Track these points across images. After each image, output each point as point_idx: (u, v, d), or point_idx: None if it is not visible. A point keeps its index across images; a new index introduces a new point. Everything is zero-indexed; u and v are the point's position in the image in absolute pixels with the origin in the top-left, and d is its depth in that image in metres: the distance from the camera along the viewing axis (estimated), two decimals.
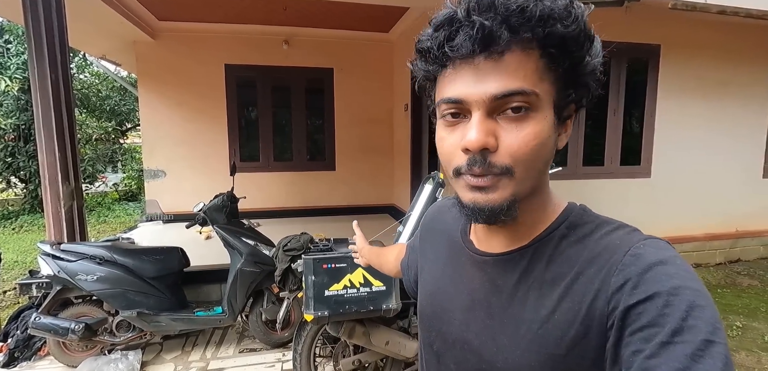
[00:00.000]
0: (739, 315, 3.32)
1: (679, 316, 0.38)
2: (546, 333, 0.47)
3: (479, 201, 0.48)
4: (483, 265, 0.56)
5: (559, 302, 0.47)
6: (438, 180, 2.02)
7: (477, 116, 0.46)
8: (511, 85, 0.44)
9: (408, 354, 2.02)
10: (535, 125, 0.46)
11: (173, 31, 5.21)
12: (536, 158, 0.47)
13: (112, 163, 10.56)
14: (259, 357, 2.74)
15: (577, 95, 0.49)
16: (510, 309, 0.51)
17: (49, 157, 2.97)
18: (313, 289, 1.74)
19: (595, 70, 0.48)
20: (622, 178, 4.33)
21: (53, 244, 2.60)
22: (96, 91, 10.20)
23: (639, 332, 0.40)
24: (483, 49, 0.44)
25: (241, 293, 2.68)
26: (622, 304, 0.42)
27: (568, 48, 0.45)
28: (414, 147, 5.15)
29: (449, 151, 0.50)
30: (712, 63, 4.32)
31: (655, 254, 0.44)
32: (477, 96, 0.45)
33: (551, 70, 0.46)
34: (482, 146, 0.45)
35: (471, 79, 0.46)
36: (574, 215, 0.53)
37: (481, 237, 0.59)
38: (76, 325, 2.43)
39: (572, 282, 0.47)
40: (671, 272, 0.42)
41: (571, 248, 0.50)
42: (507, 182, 0.47)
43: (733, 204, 4.66)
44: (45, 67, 2.89)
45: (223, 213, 2.81)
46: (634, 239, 0.47)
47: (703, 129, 4.43)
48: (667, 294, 0.40)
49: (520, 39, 0.44)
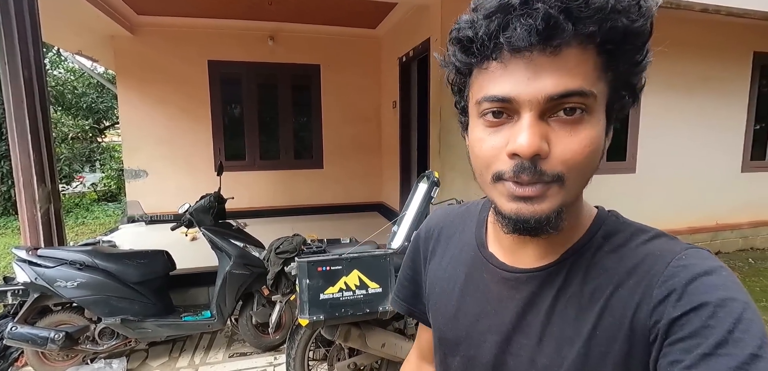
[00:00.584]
0: None
1: (725, 328, 0.36)
2: (589, 350, 0.45)
3: (524, 213, 0.44)
4: (514, 282, 0.52)
5: (599, 317, 0.45)
6: (433, 179, 1.99)
7: (528, 117, 0.41)
8: (570, 84, 0.40)
9: (404, 355, 1.98)
10: (591, 130, 0.42)
11: (153, 26, 5.04)
12: (589, 166, 0.43)
13: (90, 162, 10.21)
14: (249, 362, 2.67)
15: (630, 98, 0.45)
16: (548, 327, 0.48)
17: (24, 158, 2.83)
18: (307, 293, 1.69)
19: (644, 70, 0.44)
20: (608, 173, 4.40)
21: (29, 249, 2.47)
22: (71, 88, 9.83)
23: (680, 342, 0.38)
24: (542, 41, 0.39)
25: (231, 296, 2.61)
26: (666, 317, 0.40)
27: (628, 46, 0.41)
28: (403, 145, 5.12)
29: (490, 154, 0.45)
30: (692, 60, 4.42)
31: (700, 264, 0.41)
32: (530, 95, 0.41)
33: (608, 68, 0.42)
34: (535, 152, 0.41)
35: (523, 75, 0.41)
36: (609, 222, 0.50)
37: (508, 250, 0.54)
38: (55, 334, 2.32)
39: (612, 295, 0.45)
40: (718, 283, 0.40)
41: (608, 259, 0.47)
42: (556, 191, 0.43)
43: (713, 198, 4.79)
44: (17, 64, 2.75)
45: (210, 214, 2.72)
46: (676, 248, 0.44)
47: (684, 124, 4.54)
48: (714, 306, 0.38)
49: (581, 32, 0.39)
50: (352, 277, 1.75)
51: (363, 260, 1.78)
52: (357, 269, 1.76)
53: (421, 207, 1.97)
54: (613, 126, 0.48)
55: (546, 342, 0.48)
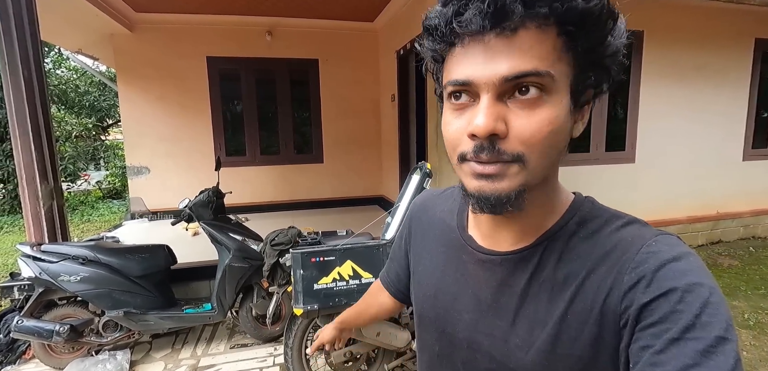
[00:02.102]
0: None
1: (693, 312, 0.38)
2: (560, 333, 0.46)
3: (485, 190, 0.45)
4: (490, 264, 0.54)
5: (571, 301, 0.46)
6: (425, 170, 2.01)
7: (486, 99, 0.43)
8: (524, 65, 0.41)
9: (399, 344, 2.03)
10: (550, 110, 0.42)
11: (152, 23, 5.07)
12: (550, 146, 0.44)
13: (95, 160, 10.30)
14: (250, 353, 2.72)
15: (597, 79, 0.45)
16: (522, 309, 0.50)
17: (26, 156, 2.88)
18: (301, 283, 1.73)
19: (618, 53, 0.45)
20: (607, 164, 4.40)
21: (33, 245, 2.53)
22: (74, 87, 9.89)
23: (650, 328, 0.39)
24: (494, 25, 0.40)
25: (230, 289, 2.66)
26: (637, 303, 0.41)
27: (588, 26, 0.41)
28: (401, 138, 5.14)
29: (455, 136, 0.46)
30: (692, 48, 4.39)
31: (668, 250, 0.43)
32: (486, 77, 0.42)
33: (569, 50, 0.42)
34: (490, 131, 0.42)
35: (480, 58, 0.42)
36: (584, 209, 0.51)
37: (486, 233, 0.55)
38: (60, 327, 2.38)
39: (584, 281, 0.46)
40: (686, 268, 0.41)
41: (582, 245, 0.48)
42: (517, 171, 0.44)
43: (713, 187, 4.78)
44: (16, 63, 2.78)
45: (209, 209, 2.76)
46: (646, 235, 0.46)
47: (685, 113, 4.52)
48: (681, 291, 0.39)
49: (536, 14, 0.40)
50: (345, 267, 1.79)
51: (356, 250, 1.81)
52: (350, 260, 1.80)
53: (413, 198, 2.00)
54: (586, 106, 0.48)
55: (519, 323, 0.49)
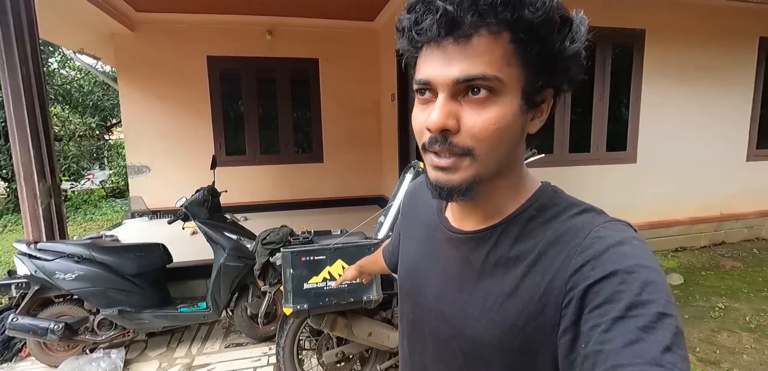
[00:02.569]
0: (722, 296, 3.37)
1: (633, 292, 0.40)
2: (509, 306, 0.50)
3: (440, 180, 0.50)
4: (456, 242, 0.59)
5: (522, 278, 0.49)
6: (417, 169, 2.00)
7: (441, 97, 0.47)
8: (473, 70, 0.45)
9: (391, 344, 2.01)
10: (498, 110, 0.46)
11: (152, 23, 5.09)
12: (498, 141, 0.47)
13: (99, 160, 10.37)
14: (245, 352, 2.72)
15: (553, 80, 0.49)
16: (479, 283, 0.54)
17: (24, 154, 2.89)
18: (291, 282, 1.72)
19: (576, 55, 0.48)
20: (608, 164, 4.35)
21: (30, 243, 2.54)
22: (78, 87, 9.96)
23: (597, 309, 0.42)
24: (448, 32, 0.45)
25: (225, 288, 2.65)
26: (582, 284, 0.44)
27: (538, 33, 0.44)
28: (401, 137, 5.12)
29: (418, 128, 0.52)
30: (693, 47, 4.33)
31: (613, 236, 0.46)
32: (441, 79, 0.46)
33: (520, 54, 0.45)
34: (441, 127, 0.47)
35: (439, 61, 0.46)
36: (545, 196, 0.55)
37: (457, 215, 0.61)
38: (55, 325, 2.38)
39: (535, 261, 0.49)
40: (628, 252, 0.43)
41: (538, 229, 0.52)
42: (468, 164, 0.48)
43: (717, 188, 4.71)
44: (15, 62, 2.80)
45: (205, 208, 2.76)
46: (596, 221, 0.49)
47: (687, 113, 4.46)
48: (623, 272, 0.42)
49: (487, 23, 0.44)
50: (335, 267, 1.77)
51: (347, 250, 1.79)
52: (341, 259, 1.78)
53: None
54: (544, 104, 0.51)
55: (475, 295, 0.54)
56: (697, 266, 4.09)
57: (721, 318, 3.03)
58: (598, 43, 4.06)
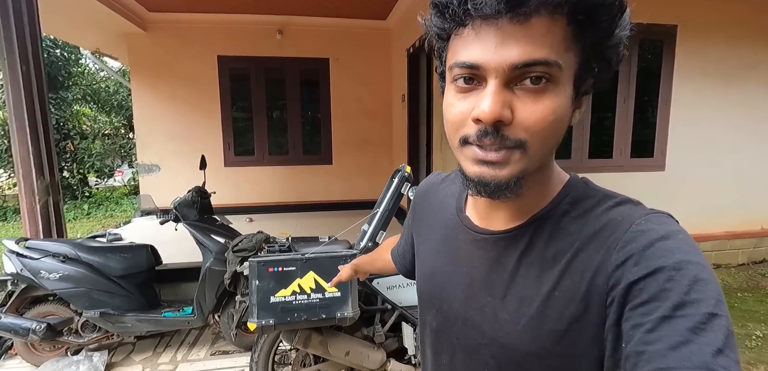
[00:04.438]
0: (761, 323, 3.00)
1: (681, 290, 0.38)
2: (546, 309, 0.47)
3: (485, 176, 0.46)
4: (483, 243, 0.55)
5: (560, 278, 0.46)
6: (403, 174, 1.82)
7: (493, 84, 0.42)
8: (536, 53, 0.41)
9: (371, 365, 1.83)
10: (555, 99, 0.43)
11: (164, 23, 5.12)
12: (552, 135, 0.44)
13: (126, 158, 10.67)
14: (229, 360, 2.60)
15: (600, 70, 0.45)
16: (512, 286, 0.50)
17: (23, 150, 2.90)
18: (257, 295, 1.57)
19: (621, 44, 0.44)
20: (632, 171, 4.01)
21: (19, 241, 2.52)
22: (105, 87, 10.32)
23: (640, 307, 0.39)
24: (510, 9, 0.40)
25: (210, 293, 2.54)
26: (624, 281, 0.41)
27: (598, 16, 0.41)
28: (411, 139, 4.93)
29: (458, 119, 0.46)
30: (734, 44, 3.93)
31: (657, 229, 0.43)
32: (496, 63, 0.42)
33: (578, 40, 0.42)
34: (497, 118, 0.42)
35: (492, 42, 0.42)
36: (577, 189, 0.52)
37: (482, 214, 0.57)
38: (37, 325, 2.33)
39: (573, 258, 0.46)
40: (674, 247, 0.41)
41: (573, 224, 0.48)
42: (519, 157, 0.44)
43: (758, 200, 4.26)
44: (15, 59, 2.81)
45: (194, 209, 2.67)
46: (636, 214, 0.45)
47: (723, 117, 4.05)
48: (670, 269, 0.39)
49: (550, 2, 0.40)
50: (306, 279, 1.61)
51: (320, 261, 1.63)
52: (313, 271, 1.62)
53: (388, 205, 1.80)
54: (585, 96, 0.48)
55: (508, 299, 0.50)
56: (733, 286, 3.69)
57: (758, 348, 2.68)
58: None
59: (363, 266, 1.00)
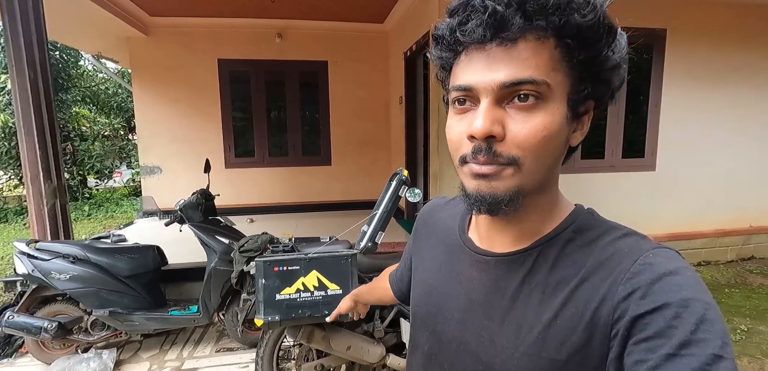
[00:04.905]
0: (746, 317, 3.11)
1: (688, 329, 0.37)
2: (547, 337, 0.46)
3: (482, 189, 0.47)
4: (484, 265, 0.55)
5: (562, 306, 0.46)
6: (401, 177, 1.91)
7: (485, 103, 0.45)
8: (521, 73, 0.43)
9: (371, 359, 1.93)
10: (545, 117, 0.44)
11: (165, 27, 5.20)
12: (544, 151, 0.45)
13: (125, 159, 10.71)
14: (234, 357, 2.69)
15: (595, 91, 0.47)
16: (511, 311, 0.50)
17: (30, 154, 2.98)
18: (263, 293, 1.66)
19: (618, 67, 0.46)
20: (624, 171, 4.12)
21: (29, 242, 2.60)
22: (104, 89, 10.36)
23: (644, 342, 0.39)
24: (494, 35, 0.43)
25: (215, 292, 2.63)
26: (629, 314, 0.41)
27: (585, 39, 0.43)
28: (408, 141, 5.02)
29: (457, 139, 0.49)
30: (721, 47, 4.04)
31: (665, 264, 0.42)
32: (485, 83, 0.44)
33: (567, 60, 0.44)
34: (487, 133, 0.44)
35: (482, 66, 0.45)
36: (582, 218, 0.51)
37: (483, 235, 0.57)
38: (48, 324, 2.42)
39: (577, 287, 0.46)
40: (682, 283, 0.40)
41: (578, 253, 0.48)
42: (512, 173, 0.46)
43: (746, 198, 4.39)
44: (23, 65, 2.88)
45: (199, 211, 2.75)
46: (643, 247, 0.45)
47: (712, 118, 4.17)
48: (677, 305, 0.38)
49: (535, 27, 0.42)
50: (310, 278, 1.71)
51: (323, 260, 1.73)
52: (316, 270, 1.72)
53: (388, 204, 1.90)
54: (586, 116, 0.49)
55: (507, 324, 0.49)
56: (721, 282, 3.81)
57: (742, 341, 2.79)
58: None
59: (362, 296, 1.01)
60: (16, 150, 7.32)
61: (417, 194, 1.96)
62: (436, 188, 3.78)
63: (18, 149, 7.19)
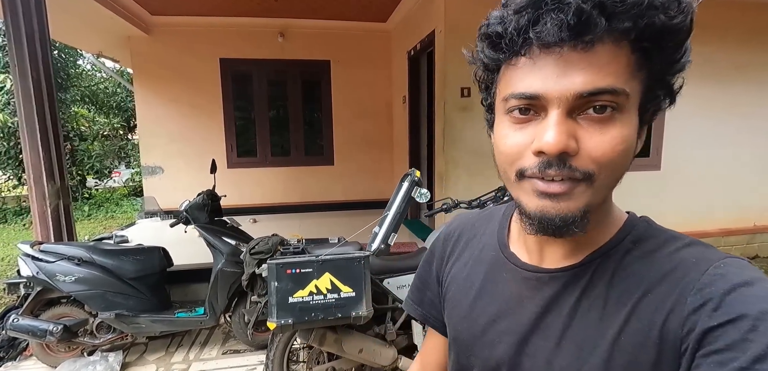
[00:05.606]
0: None
1: (765, 342, 0.35)
2: (611, 357, 0.43)
3: (549, 211, 0.43)
4: (535, 282, 0.51)
5: (625, 322, 0.43)
6: (413, 178, 1.89)
7: (555, 114, 0.41)
8: (602, 82, 0.39)
9: (383, 362, 1.91)
10: (622, 128, 0.41)
11: (167, 26, 5.16)
12: (620, 166, 0.42)
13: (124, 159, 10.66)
14: (241, 359, 2.67)
15: (664, 97, 0.44)
16: (569, 330, 0.47)
17: (33, 155, 2.94)
18: (276, 296, 1.64)
19: (683, 69, 0.43)
20: (629, 170, 4.09)
21: (34, 244, 2.57)
22: (103, 88, 10.31)
23: (714, 354, 0.36)
24: (574, 36, 0.38)
25: (222, 293, 2.61)
26: (700, 326, 0.38)
27: (665, 43, 0.40)
28: (411, 140, 5.01)
29: (515, 151, 0.44)
30: (725, 45, 4.04)
31: (739, 273, 0.40)
32: (559, 92, 0.40)
33: (643, 67, 0.40)
34: (562, 149, 0.40)
35: (553, 71, 0.40)
36: (639, 227, 0.48)
37: (532, 249, 0.53)
38: (54, 327, 2.39)
39: (640, 300, 0.43)
40: (760, 294, 0.38)
41: (638, 264, 0.45)
42: (584, 190, 0.42)
43: (751, 197, 4.39)
44: (25, 66, 2.85)
45: (205, 212, 2.73)
46: (712, 256, 0.43)
47: (717, 117, 4.17)
48: (754, 318, 0.36)
49: (616, 29, 0.38)
50: (323, 280, 1.69)
51: (335, 263, 1.71)
52: (329, 273, 1.70)
53: (400, 205, 1.88)
54: (647, 126, 0.46)
55: (565, 344, 0.46)
56: None
57: None
58: None
59: None
60: (15, 150, 7.27)
61: (424, 195, 1.94)
62: (442, 188, 3.75)
63: (17, 150, 7.18)
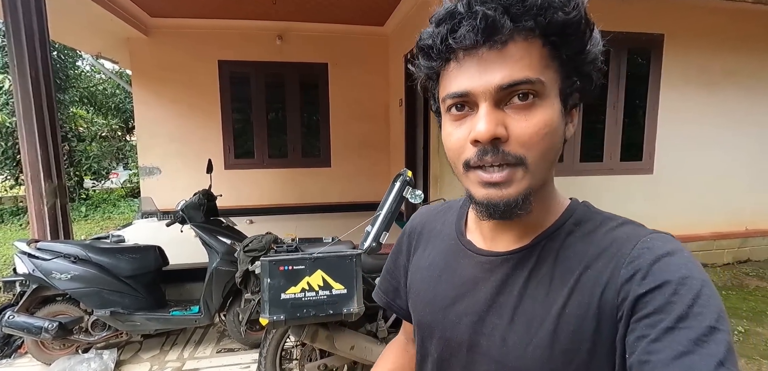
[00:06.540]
0: (743, 319, 3.14)
1: (685, 303, 0.39)
2: (557, 328, 0.47)
3: (494, 197, 0.47)
4: (489, 265, 0.55)
5: (569, 296, 0.47)
6: (405, 178, 1.92)
7: (484, 107, 0.46)
8: (517, 75, 0.44)
9: (374, 358, 1.93)
10: (544, 113, 0.45)
11: (166, 28, 5.20)
12: (548, 147, 0.47)
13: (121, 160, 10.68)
14: (235, 358, 2.69)
15: (582, 84, 0.49)
16: (520, 307, 0.50)
17: (31, 154, 2.97)
18: (268, 292, 1.67)
19: (596, 60, 0.49)
20: (622, 174, 4.16)
21: (30, 242, 2.59)
22: (102, 89, 10.33)
23: (645, 318, 0.41)
24: (486, 39, 0.44)
25: (217, 292, 2.63)
26: (632, 294, 0.43)
27: (569, 35, 0.45)
28: (408, 143, 5.04)
29: (457, 145, 0.49)
30: (717, 52, 4.10)
31: (663, 246, 0.45)
32: (482, 87, 0.45)
33: (555, 57, 0.46)
34: (492, 135, 0.45)
35: (475, 71, 0.45)
36: (579, 211, 0.54)
37: (486, 236, 0.57)
38: (49, 324, 2.41)
39: (581, 276, 0.47)
40: (679, 262, 0.43)
41: (579, 244, 0.50)
42: (522, 175, 0.47)
43: (742, 201, 4.44)
44: (24, 65, 2.88)
45: (201, 211, 2.75)
46: (641, 232, 0.48)
47: (709, 122, 4.22)
48: (675, 283, 0.41)
49: (522, 28, 0.44)
50: (315, 277, 1.72)
51: (327, 260, 1.74)
52: (321, 270, 1.73)
53: (392, 205, 1.91)
54: (574, 109, 0.51)
55: (517, 321, 0.50)
56: (718, 285, 3.85)
57: (740, 342, 2.82)
58: (613, 48, 3.90)
59: None
60: (12, 150, 7.28)
61: (418, 196, 1.97)
62: (437, 189, 3.79)
63: (15, 150, 7.19)
